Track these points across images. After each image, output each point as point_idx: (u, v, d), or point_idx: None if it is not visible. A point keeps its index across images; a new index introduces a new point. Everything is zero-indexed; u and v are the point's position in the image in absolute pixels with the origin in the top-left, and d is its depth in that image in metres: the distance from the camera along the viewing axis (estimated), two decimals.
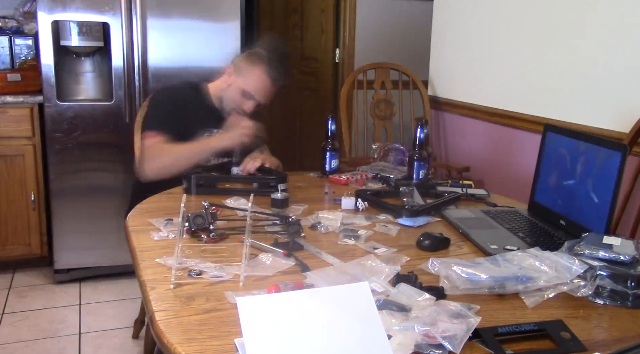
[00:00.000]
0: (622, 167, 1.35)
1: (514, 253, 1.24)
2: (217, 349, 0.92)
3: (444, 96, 3.19)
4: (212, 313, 1.04)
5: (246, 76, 2.09)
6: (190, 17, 3.02)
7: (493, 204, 1.83)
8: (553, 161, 1.64)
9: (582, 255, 1.20)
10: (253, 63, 2.09)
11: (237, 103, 2.11)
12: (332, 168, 2.15)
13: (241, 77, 2.10)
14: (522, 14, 2.59)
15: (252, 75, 2.08)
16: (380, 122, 3.27)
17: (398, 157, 2.34)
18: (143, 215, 1.61)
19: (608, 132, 2.10)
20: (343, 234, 1.49)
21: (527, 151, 2.53)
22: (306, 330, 0.83)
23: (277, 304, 0.86)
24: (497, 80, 2.77)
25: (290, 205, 1.73)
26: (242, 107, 2.10)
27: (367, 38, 3.86)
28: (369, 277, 1.16)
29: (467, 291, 1.13)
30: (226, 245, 1.38)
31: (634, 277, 1.13)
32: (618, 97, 2.12)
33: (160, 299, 1.09)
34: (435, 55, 3.25)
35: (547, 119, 2.36)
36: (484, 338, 0.95)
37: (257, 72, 2.08)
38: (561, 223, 1.55)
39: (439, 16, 3.20)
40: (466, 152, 3.05)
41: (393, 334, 0.91)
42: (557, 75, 2.39)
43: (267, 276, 1.21)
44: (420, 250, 1.41)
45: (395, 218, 1.65)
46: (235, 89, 2.10)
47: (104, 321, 2.62)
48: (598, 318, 1.09)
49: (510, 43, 2.67)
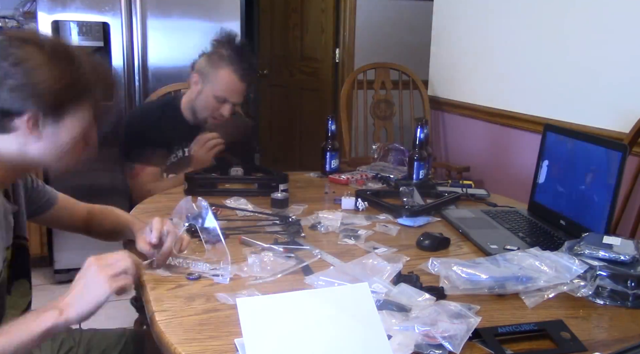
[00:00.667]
0: (622, 167, 1.35)
1: (514, 253, 1.24)
2: (217, 349, 0.92)
3: (444, 96, 3.19)
4: (212, 313, 1.04)
5: (213, 81, 2.00)
6: (190, 17, 3.02)
7: (493, 204, 1.83)
8: (553, 161, 1.64)
9: (582, 255, 1.20)
10: (216, 66, 1.99)
11: (212, 109, 2.03)
12: (332, 168, 2.15)
13: (208, 83, 2.01)
14: (522, 14, 2.59)
15: (220, 79, 1.99)
16: (380, 122, 3.27)
17: (398, 157, 2.34)
18: (143, 215, 1.61)
19: (608, 132, 2.10)
20: (343, 234, 1.49)
21: (527, 151, 2.53)
22: (306, 330, 0.83)
23: (277, 305, 0.86)
24: (497, 80, 2.77)
25: (290, 205, 1.72)
26: (219, 112, 2.03)
27: (367, 38, 3.86)
28: (370, 277, 1.16)
29: (467, 291, 1.13)
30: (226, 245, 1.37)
31: (634, 277, 1.13)
32: (618, 97, 2.12)
33: (160, 299, 1.09)
34: (435, 55, 3.25)
35: (547, 119, 2.36)
36: (484, 338, 0.95)
37: (223, 73, 1.98)
38: (561, 223, 1.55)
39: (439, 16, 3.20)
40: (466, 152, 3.05)
41: (393, 334, 0.91)
42: (557, 75, 2.39)
43: (267, 277, 1.20)
44: (420, 250, 1.41)
45: (395, 218, 1.65)
46: (206, 96, 2.02)
47: (104, 321, 2.60)
48: (598, 318, 1.09)
49: (510, 43, 2.67)
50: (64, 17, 2.84)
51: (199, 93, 2.03)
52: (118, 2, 2.86)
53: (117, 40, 2.90)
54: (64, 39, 2.30)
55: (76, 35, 2.97)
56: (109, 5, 2.87)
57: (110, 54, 2.92)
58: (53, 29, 2.82)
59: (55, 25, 2.85)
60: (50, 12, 2.79)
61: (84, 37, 2.99)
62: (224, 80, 1.99)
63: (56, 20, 2.84)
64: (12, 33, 1.56)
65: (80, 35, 2.98)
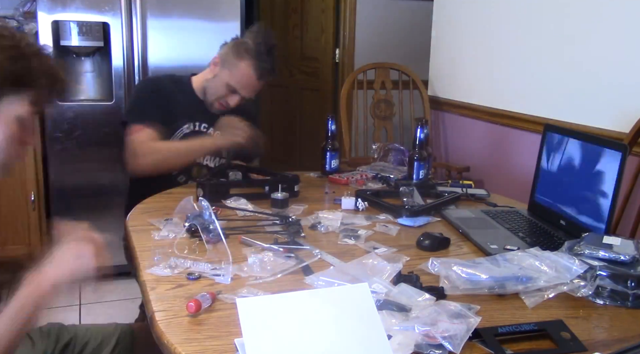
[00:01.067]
0: (622, 167, 1.35)
1: (514, 253, 1.24)
2: (217, 349, 0.92)
3: (444, 96, 3.19)
4: (212, 313, 1.04)
5: (232, 69, 1.99)
6: (190, 17, 3.02)
7: (493, 204, 1.83)
8: (553, 161, 1.64)
9: (582, 255, 1.20)
10: (240, 56, 1.98)
11: (221, 95, 2.02)
12: (332, 168, 2.15)
13: (226, 69, 2.00)
14: (522, 14, 2.59)
15: (238, 69, 1.98)
16: (380, 122, 3.27)
17: (398, 157, 2.34)
18: (143, 215, 1.61)
19: (608, 132, 2.10)
20: (343, 234, 1.49)
21: (527, 151, 2.53)
22: (306, 330, 0.83)
23: (277, 305, 0.86)
24: (497, 80, 2.77)
25: (290, 205, 1.73)
26: (225, 99, 2.03)
27: (367, 38, 3.86)
28: (370, 277, 1.16)
29: (467, 291, 1.13)
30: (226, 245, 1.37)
31: (634, 277, 1.13)
32: (618, 97, 2.12)
33: (160, 299, 1.09)
34: (435, 55, 3.25)
35: (547, 119, 2.36)
36: (484, 338, 0.95)
37: (244, 66, 1.97)
38: (561, 223, 1.55)
39: (439, 16, 3.20)
40: (466, 152, 3.05)
41: (393, 334, 0.91)
42: (557, 75, 2.39)
43: (267, 277, 1.21)
44: (420, 250, 1.41)
45: (395, 218, 1.65)
46: (219, 81, 2.01)
47: (104, 321, 2.61)
48: (598, 318, 1.09)
49: (510, 43, 2.67)
50: (64, 17, 2.84)
51: (215, 76, 2.03)
52: (118, 2, 2.86)
53: (117, 40, 2.90)
54: (15, 29, 2.22)
55: (76, 35, 2.97)
56: (109, 5, 2.87)
57: (110, 54, 2.92)
58: (53, 29, 2.82)
59: (55, 25, 2.85)
60: (50, 12, 2.79)
61: (84, 37, 2.99)
62: (242, 71, 1.98)
63: (56, 20, 2.84)
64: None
65: (80, 35, 2.98)
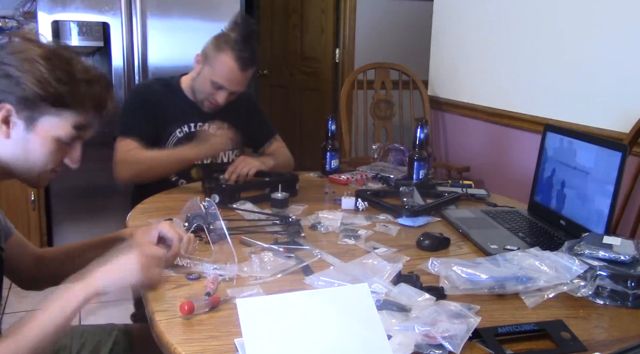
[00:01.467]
0: (622, 167, 1.35)
1: (514, 253, 1.24)
2: (217, 349, 0.92)
3: (444, 96, 3.19)
4: (212, 313, 1.04)
5: (213, 64, 1.92)
6: (190, 17, 3.02)
7: (493, 204, 1.83)
8: (553, 161, 1.64)
9: (582, 255, 1.20)
10: (219, 49, 1.91)
11: (208, 93, 1.96)
12: (332, 168, 2.15)
13: (208, 65, 1.93)
14: (522, 14, 2.59)
15: (219, 63, 1.90)
16: (380, 122, 3.27)
17: (398, 157, 2.34)
18: (143, 215, 1.61)
19: (608, 132, 2.11)
20: (343, 234, 1.49)
21: (527, 151, 2.53)
22: (306, 331, 0.83)
23: (277, 305, 0.86)
24: (497, 80, 2.78)
25: (290, 205, 1.73)
26: (214, 97, 1.97)
27: (367, 38, 3.87)
28: (370, 277, 1.16)
29: (467, 291, 1.13)
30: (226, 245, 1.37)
31: (634, 277, 1.13)
32: (618, 97, 2.12)
33: (160, 299, 1.09)
34: (435, 55, 3.25)
35: (547, 119, 2.36)
36: (484, 338, 0.95)
37: (223, 58, 1.90)
38: (561, 223, 1.55)
39: (439, 16, 3.20)
40: (466, 152, 3.05)
41: (393, 334, 0.91)
42: (557, 75, 2.39)
43: (267, 277, 1.21)
44: (420, 250, 1.41)
45: (395, 218, 1.65)
46: (203, 79, 1.95)
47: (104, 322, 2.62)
48: (598, 318, 1.09)
49: (510, 43, 2.67)
50: (64, 17, 2.85)
51: (199, 74, 1.98)
52: (118, 2, 2.86)
53: (117, 40, 2.90)
54: (66, 45, 2.24)
55: (76, 35, 2.97)
56: (109, 5, 2.87)
57: (110, 54, 2.92)
58: (53, 29, 2.82)
59: (55, 25, 2.85)
60: (50, 12, 2.79)
61: (84, 37, 2.99)
62: (222, 64, 1.91)
63: (56, 20, 2.84)
64: (18, 32, 1.54)
65: (80, 35, 2.98)
